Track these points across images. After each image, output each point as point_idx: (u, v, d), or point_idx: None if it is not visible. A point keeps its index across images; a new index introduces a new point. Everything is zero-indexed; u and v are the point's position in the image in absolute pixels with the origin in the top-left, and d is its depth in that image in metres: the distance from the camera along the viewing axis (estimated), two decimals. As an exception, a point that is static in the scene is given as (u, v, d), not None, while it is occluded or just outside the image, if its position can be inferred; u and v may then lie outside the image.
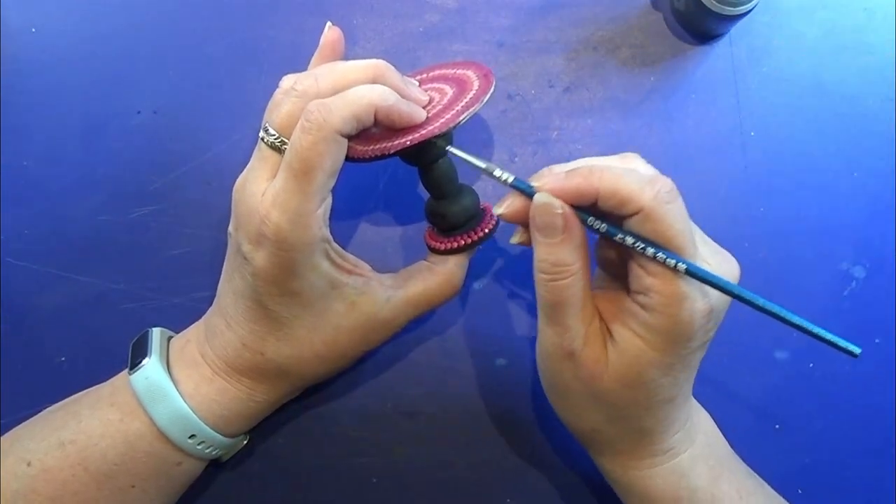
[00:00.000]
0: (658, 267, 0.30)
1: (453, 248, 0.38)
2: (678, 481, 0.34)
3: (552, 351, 0.33)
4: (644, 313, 0.31)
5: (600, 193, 0.30)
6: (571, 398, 0.35)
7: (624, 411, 0.33)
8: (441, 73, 0.40)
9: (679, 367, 0.32)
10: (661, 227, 0.30)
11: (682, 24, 0.45)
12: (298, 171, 0.32)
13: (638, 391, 0.32)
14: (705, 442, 0.36)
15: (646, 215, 0.30)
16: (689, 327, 0.31)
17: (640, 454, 0.35)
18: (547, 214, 0.31)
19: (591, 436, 0.36)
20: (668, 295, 0.30)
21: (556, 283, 0.32)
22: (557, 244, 0.31)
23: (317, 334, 0.36)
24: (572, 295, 0.32)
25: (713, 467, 0.35)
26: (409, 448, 0.42)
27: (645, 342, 0.31)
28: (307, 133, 0.31)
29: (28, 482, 0.34)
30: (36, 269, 0.43)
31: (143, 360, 0.36)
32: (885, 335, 0.43)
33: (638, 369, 0.32)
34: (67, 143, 0.44)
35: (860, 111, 0.45)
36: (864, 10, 0.45)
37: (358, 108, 0.32)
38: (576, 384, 0.33)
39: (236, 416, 0.37)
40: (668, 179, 0.30)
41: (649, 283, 0.30)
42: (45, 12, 0.45)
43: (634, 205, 0.30)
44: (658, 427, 0.34)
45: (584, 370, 0.33)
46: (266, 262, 0.33)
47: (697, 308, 0.30)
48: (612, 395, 0.33)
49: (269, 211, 0.32)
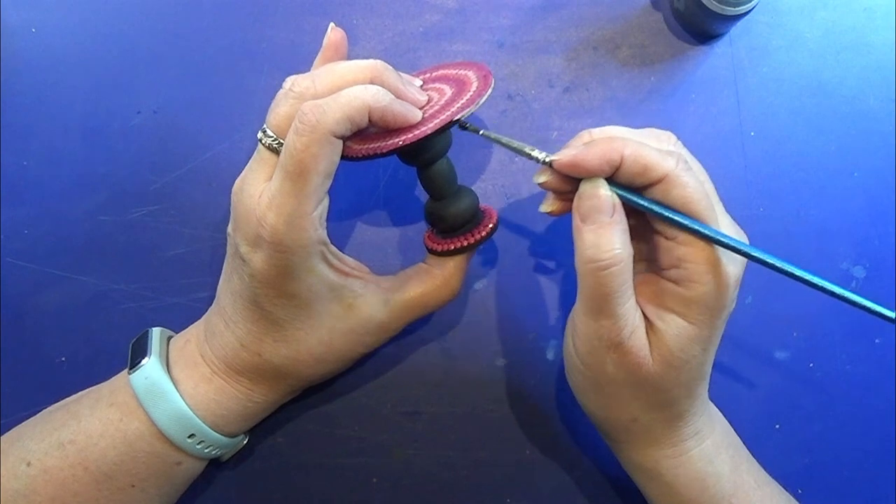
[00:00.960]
0: (689, 236, 0.31)
1: (452, 249, 0.38)
2: (705, 468, 0.35)
3: (596, 344, 0.33)
4: (679, 288, 0.32)
5: (625, 160, 0.31)
6: (612, 390, 0.34)
7: (665, 395, 0.33)
8: (443, 73, 0.40)
9: (714, 339, 0.33)
10: (687, 191, 0.31)
11: (682, 24, 0.45)
12: (293, 173, 0.32)
13: (681, 370, 0.33)
14: (724, 430, 0.37)
15: (670, 181, 0.31)
16: (726, 292, 0.31)
17: (672, 440, 0.35)
18: (593, 198, 0.31)
19: (628, 427, 0.35)
20: (703, 262, 0.31)
21: (606, 271, 0.31)
22: (604, 227, 0.31)
23: (314, 336, 0.36)
24: (623, 282, 0.31)
25: (733, 456, 0.36)
26: (409, 448, 0.42)
27: (684, 318, 0.32)
28: (301, 135, 0.31)
29: (28, 482, 0.34)
30: (36, 269, 0.43)
31: (143, 359, 0.36)
32: (885, 335, 0.43)
33: (680, 348, 0.32)
34: (67, 143, 0.44)
35: (860, 111, 0.45)
36: (864, 10, 0.45)
37: (351, 109, 0.32)
38: (620, 375, 0.33)
39: (235, 416, 0.37)
40: (680, 151, 0.32)
41: (682, 253, 0.31)
42: (45, 12, 0.45)
43: (658, 171, 0.31)
44: (691, 408, 0.34)
45: (630, 359, 0.32)
46: (263, 264, 0.33)
47: (731, 272, 0.31)
48: (655, 379, 0.33)
49: (265, 213, 0.32)
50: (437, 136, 0.34)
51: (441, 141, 0.36)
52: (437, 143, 0.36)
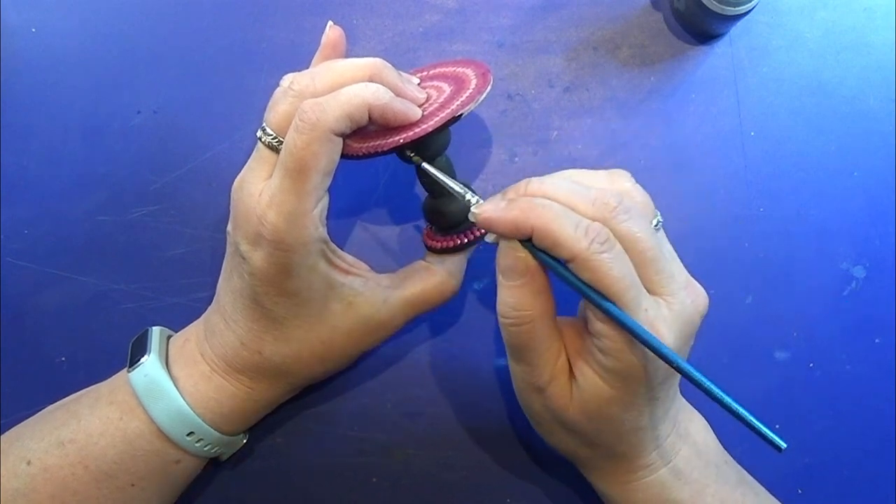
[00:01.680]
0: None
1: (451, 246, 0.38)
2: (659, 494, 0.35)
3: (523, 385, 0.34)
4: (599, 355, 0.31)
5: (535, 232, 0.30)
6: (545, 425, 0.35)
7: (594, 439, 0.34)
8: (441, 70, 0.40)
9: (641, 402, 0.32)
10: (597, 276, 0.29)
11: (682, 24, 0.45)
12: (293, 170, 0.32)
13: (602, 423, 0.33)
14: (693, 453, 0.36)
15: (580, 264, 0.29)
16: (641, 371, 0.31)
17: (617, 472, 0.35)
18: (509, 258, 0.31)
19: (570, 456, 0.37)
20: (616, 340, 0.30)
21: (516, 328, 0.32)
22: (517, 287, 0.31)
23: (314, 334, 0.36)
24: (533, 338, 0.32)
25: (697, 480, 0.35)
26: (409, 448, 0.42)
27: (603, 381, 0.31)
28: (301, 133, 0.31)
29: (28, 481, 0.34)
30: (36, 269, 0.43)
31: (142, 357, 0.36)
32: (885, 335, 0.43)
33: (598, 405, 0.32)
34: (67, 143, 0.44)
35: (860, 111, 0.45)
36: (864, 10, 0.45)
37: (351, 106, 0.32)
38: (546, 414, 0.34)
39: (234, 414, 0.37)
40: (601, 228, 0.29)
41: (599, 328, 0.30)
42: (45, 12, 0.45)
43: (567, 251, 0.29)
44: (631, 451, 0.34)
45: (551, 402, 0.33)
46: (263, 262, 0.33)
47: (647, 353, 0.30)
48: (579, 426, 0.33)
49: (265, 211, 0.32)
50: (437, 133, 0.34)
51: (440, 139, 0.36)
52: (436, 141, 0.36)
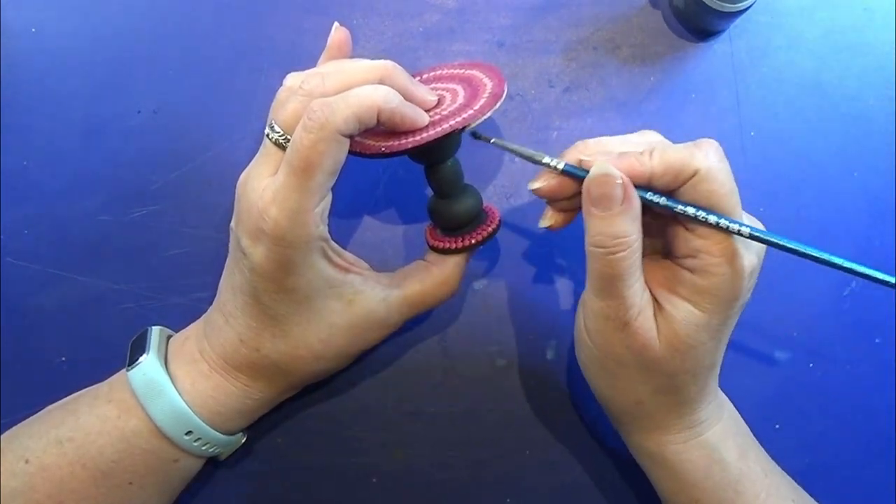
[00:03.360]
0: (706, 229, 0.31)
1: (456, 248, 0.38)
2: (710, 454, 0.35)
3: (603, 324, 0.33)
4: (693, 277, 0.32)
5: (654, 173, 0.31)
6: (620, 370, 0.35)
7: (671, 380, 0.34)
8: (454, 72, 0.40)
9: (724, 329, 0.33)
10: (715, 186, 0.31)
11: (681, 22, 0.45)
12: (299, 169, 0.32)
13: (687, 357, 0.33)
14: (732, 418, 0.37)
15: (702, 176, 0.31)
16: (739, 284, 0.32)
17: (678, 426, 0.35)
18: (605, 185, 0.31)
19: (633, 409, 0.36)
20: (720, 254, 0.31)
21: (614, 255, 0.32)
22: (615, 216, 0.32)
23: (313, 332, 0.36)
24: (629, 266, 0.32)
25: (741, 444, 0.36)
26: (409, 448, 0.42)
27: (694, 305, 0.32)
28: (309, 132, 0.31)
29: (26, 480, 0.34)
30: (36, 269, 0.43)
31: (141, 356, 0.36)
32: (885, 335, 0.43)
33: (688, 334, 0.32)
34: (67, 143, 0.44)
35: (860, 111, 0.45)
36: (864, 10, 0.45)
37: (361, 108, 0.32)
38: (627, 355, 0.34)
39: (233, 413, 0.37)
40: (713, 141, 0.32)
41: (699, 244, 0.32)
42: (45, 12, 0.45)
43: (690, 169, 0.31)
44: (698, 396, 0.35)
45: (637, 340, 0.33)
46: (263, 258, 0.33)
47: (746, 264, 0.32)
48: (662, 363, 0.33)
49: (267, 207, 0.32)
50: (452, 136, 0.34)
51: (453, 142, 0.36)
52: (449, 144, 0.36)
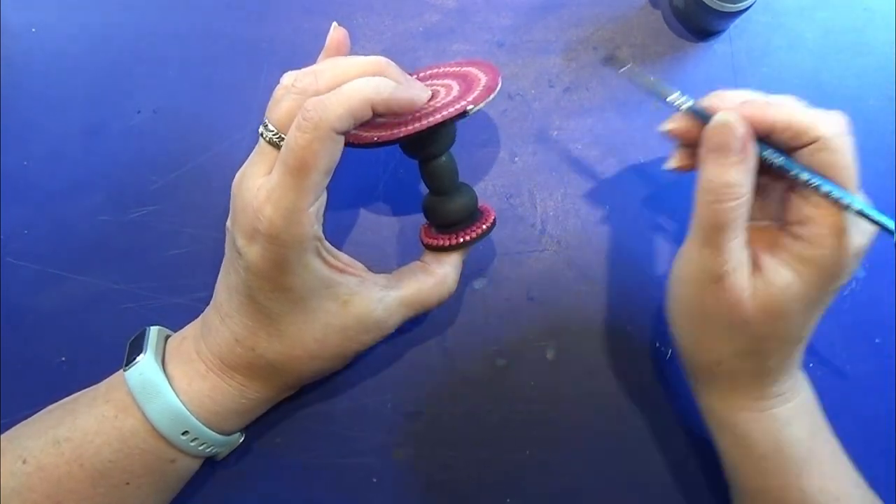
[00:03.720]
0: (821, 198, 0.31)
1: (451, 245, 0.38)
2: (781, 429, 0.35)
3: (698, 274, 0.33)
4: (799, 245, 0.32)
5: (776, 125, 0.31)
6: (706, 325, 0.34)
7: (756, 345, 0.34)
8: (449, 70, 0.40)
9: (819, 304, 0.33)
10: (837, 157, 0.31)
11: (681, 22, 0.45)
12: (293, 168, 0.32)
13: (778, 324, 0.33)
14: (808, 396, 0.37)
15: (823, 144, 0.31)
16: (842, 261, 0.32)
17: (754, 394, 0.35)
18: (725, 134, 0.32)
19: (712, 368, 0.35)
20: (830, 226, 0.31)
21: (723, 204, 0.32)
22: (731, 164, 0.32)
23: (308, 332, 0.36)
24: (735, 218, 0.32)
25: (814, 423, 0.36)
26: (409, 448, 0.42)
27: (795, 273, 0.32)
28: (303, 132, 0.31)
29: (24, 480, 0.34)
30: (36, 269, 0.43)
31: (139, 356, 0.36)
32: (885, 335, 0.43)
33: (783, 300, 0.32)
34: (67, 143, 0.44)
35: (860, 111, 0.44)
36: (864, 10, 0.45)
37: (353, 102, 0.32)
38: (716, 310, 0.33)
39: (229, 413, 0.37)
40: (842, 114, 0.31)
41: (810, 213, 0.31)
42: (45, 12, 0.45)
43: (812, 135, 0.31)
44: (780, 367, 0.34)
45: (729, 295, 0.33)
46: (258, 257, 0.33)
47: (854, 243, 0.31)
48: (750, 325, 0.33)
49: (262, 206, 0.32)
50: (444, 128, 0.34)
51: (446, 135, 0.36)
52: (442, 137, 0.36)
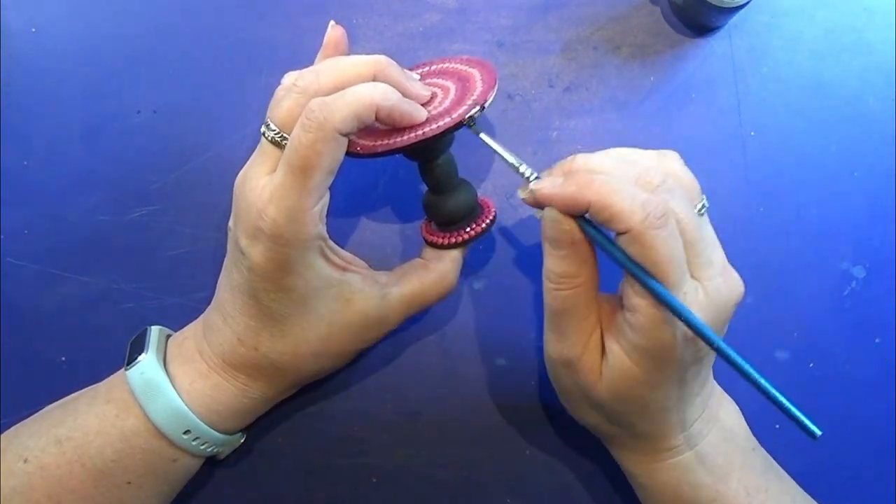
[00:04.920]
0: (642, 288, 0.30)
1: (452, 242, 0.38)
2: (681, 476, 0.35)
3: (552, 355, 0.34)
4: (630, 332, 0.31)
5: (592, 206, 0.30)
6: (573, 399, 0.36)
7: (620, 418, 0.34)
8: (444, 67, 0.40)
9: (668, 384, 0.32)
10: (645, 251, 0.29)
11: (680, 19, 0.45)
12: (297, 168, 0.32)
13: (628, 403, 0.33)
14: (720, 438, 0.36)
15: (632, 237, 0.30)
16: (671, 351, 0.31)
17: (641, 450, 0.36)
18: (554, 229, 0.32)
19: (595, 430, 0.37)
20: (650, 318, 0.30)
21: (560, 292, 0.32)
22: (563, 257, 0.32)
23: (311, 331, 0.36)
24: (574, 305, 0.32)
25: (722, 465, 0.35)
26: (409, 448, 0.42)
27: (631, 360, 0.32)
28: (307, 131, 0.31)
29: (25, 479, 0.34)
30: (36, 269, 0.43)
31: (140, 356, 0.36)
32: (885, 335, 0.43)
33: (626, 385, 0.32)
34: (67, 143, 0.44)
35: (860, 111, 0.45)
36: (864, 10, 0.45)
37: (359, 106, 0.32)
38: (574, 388, 0.35)
39: (231, 413, 0.37)
40: (660, 203, 0.30)
41: (635, 302, 0.31)
42: (45, 12, 0.45)
43: (622, 224, 0.30)
44: (657, 432, 0.34)
45: (580, 379, 0.34)
46: (261, 257, 0.33)
47: (678, 334, 0.31)
48: (605, 403, 0.34)
49: (266, 206, 0.32)
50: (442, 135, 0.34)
51: (446, 139, 0.36)
52: (441, 142, 0.36)
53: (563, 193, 0.31)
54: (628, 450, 0.36)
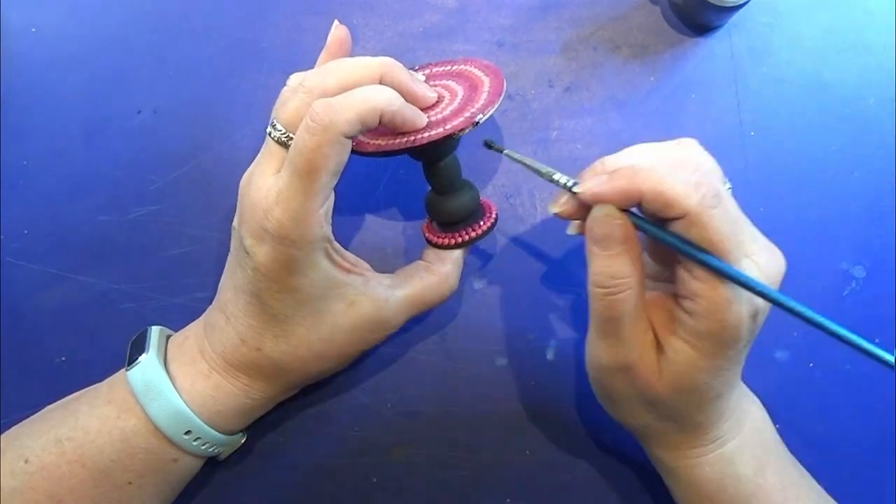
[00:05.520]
0: (703, 272, 0.30)
1: (454, 243, 0.38)
2: (724, 469, 0.35)
3: (607, 363, 0.33)
4: (691, 320, 0.31)
5: (644, 196, 0.30)
6: (624, 402, 0.35)
7: (676, 412, 0.34)
8: (451, 69, 0.40)
9: (727, 366, 0.32)
10: (706, 232, 0.30)
11: (680, 18, 0.45)
12: (302, 170, 0.32)
13: (690, 395, 0.33)
14: (753, 430, 0.36)
15: (690, 220, 0.30)
16: (737, 331, 0.31)
17: (689, 444, 0.35)
18: (606, 226, 0.31)
19: (641, 430, 0.36)
20: (715, 300, 0.30)
21: (613, 297, 0.32)
22: (615, 256, 0.31)
23: (315, 332, 0.36)
24: (629, 309, 0.32)
25: (759, 456, 0.36)
26: (409, 448, 0.42)
27: (694, 349, 0.31)
28: (312, 134, 0.31)
29: (26, 479, 0.34)
30: (36, 269, 0.43)
31: (141, 356, 0.36)
32: (885, 335, 0.43)
33: (689, 376, 0.32)
34: (67, 143, 0.44)
35: (860, 111, 0.45)
36: (864, 10, 0.45)
37: (364, 110, 0.32)
38: (629, 392, 0.34)
39: (232, 413, 0.37)
40: (715, 181, 0.30)
41: (696, 287, 0.30)
42: (45, 12, 0.45)
43: (679, 209, 0.30)
44: (708, 421, 0.34)
45: (638, 380, 0.33)
46: (267, 258, 0.33)
47: (743, 311, 0.31)
48: (665, 400, 0.33)
49: (272, 207, 0.32)
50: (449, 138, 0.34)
51: (452, 141, 0.36)
52: (447, 144, 0.36)
53: (614, 187, 0.31)
54: (672, 447, 0.36)
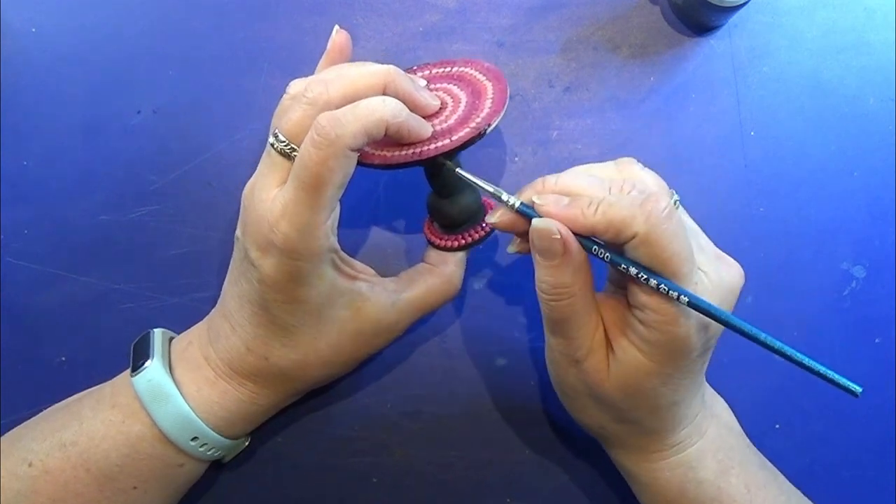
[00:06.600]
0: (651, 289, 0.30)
1: (457, 245, 0.38)
2: (685, 473, 0.35)
3: (558, 358, 0.34)
4: (642, 327, 0.31)
5: (596, 228, 0.30)
6: (578, 400, 0.36)
7: (627, 414, 0.34)
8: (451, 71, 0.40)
9: (679, 375, 0.32)
10: (656, 250, 0.30)
11: (680, 18, 0.45)
12: (308, 184, 0.31)
13: (639, 398, 0.33)
14: (717, 434, 0.36)
15: (639, 240, 0.30)
16: (686, 343, 0.31)
17: (648, 449, 0.35)
18: (545, 239, 0.31)
19: (598, 432, 0.37)
20: (663, 313, 0.30)
21: (557, 302, 0.32)
22: (556, 266, 0.32)
23: (322, 340, 0.36)
24: (573, 312, 0.32)
25: (722, 460, 0.36)
26: (409, 448, 0.42)
27: (643, 354, 0.32)
28: (318, 148, 0.31)
29: (29, 483, 0.34)
30: (36, 269, 0.43)
31: (146, 361, 0.36)
32: (885, 335, 0.43)
33: (637, 379, 0.32)
34: (67, 143, 0.44)
35: (860, 111, 0.45)
36: (864, 10, 0.45)
37: (369, 122, 0.31)
38: (581, 388, 0.34)
39: (238, 419, 0.37)
40: (660, 198, 0.30)
41: (644, 300, 0.31)
42: (45, 12, 0.45)
43: (629, 232, 0.30)
44: (664, 427, 0.34)
45: (587, 377, 0.33)
46: (273, 270, 0.33)
47: (692, 325, 0.31)
48: (614, 400, 0.33)
49: (277, 220, 0.32)
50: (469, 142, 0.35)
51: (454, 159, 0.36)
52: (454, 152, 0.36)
53: (568, 214, 0.31)
54: (631, 450, 0.36)
